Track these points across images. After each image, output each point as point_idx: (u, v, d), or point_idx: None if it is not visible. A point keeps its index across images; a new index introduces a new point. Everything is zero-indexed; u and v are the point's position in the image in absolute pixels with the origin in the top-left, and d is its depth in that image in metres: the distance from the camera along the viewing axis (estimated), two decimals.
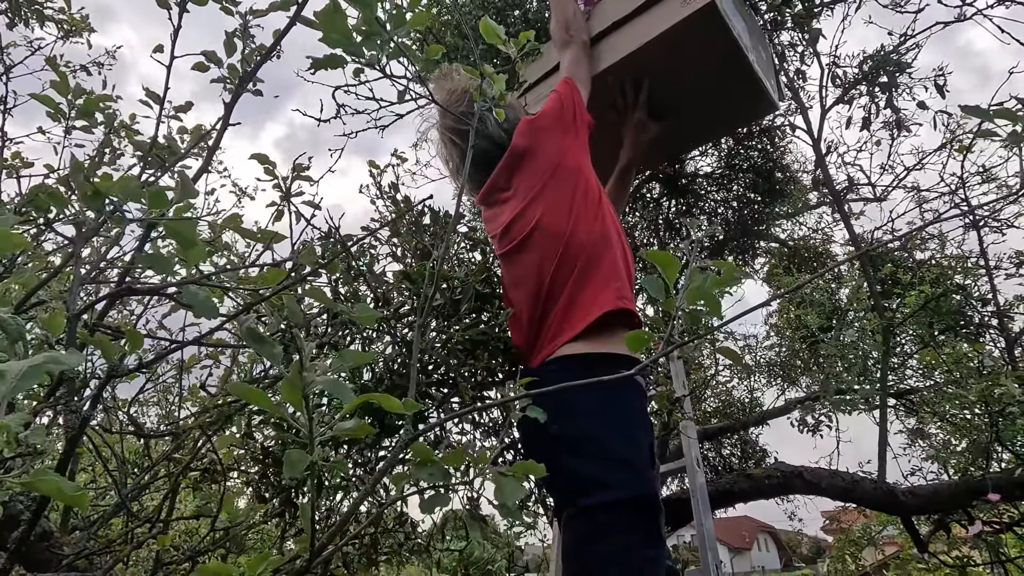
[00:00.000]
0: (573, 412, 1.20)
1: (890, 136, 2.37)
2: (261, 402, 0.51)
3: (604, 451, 1.17)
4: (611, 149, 1.89)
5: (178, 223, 0.57)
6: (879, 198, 3.37)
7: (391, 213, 1.66)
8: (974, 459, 1.88)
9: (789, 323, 4.29)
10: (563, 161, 1.39)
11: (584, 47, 1.70)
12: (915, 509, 2.02)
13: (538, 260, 1.33)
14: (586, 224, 1.34)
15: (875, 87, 2.21)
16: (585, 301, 1.26)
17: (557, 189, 1.37)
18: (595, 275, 1.28)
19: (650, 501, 1.13)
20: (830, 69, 2.26)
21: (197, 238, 0.59)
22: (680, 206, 3.19)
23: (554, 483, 1.25)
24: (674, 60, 1.72)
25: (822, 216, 4.33)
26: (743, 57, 1.67)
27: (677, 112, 1.86)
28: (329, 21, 0.67)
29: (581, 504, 1.14)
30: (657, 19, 1.67)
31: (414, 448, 0.70)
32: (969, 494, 1.88)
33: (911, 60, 2.19)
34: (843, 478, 2.05)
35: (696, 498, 1.56)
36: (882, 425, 2.17)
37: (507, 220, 1.40)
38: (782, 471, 2.07)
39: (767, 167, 2.89)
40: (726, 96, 1.83)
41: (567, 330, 1.27)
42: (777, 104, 1.82)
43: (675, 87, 1.81)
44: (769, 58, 1.96)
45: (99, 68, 2.64)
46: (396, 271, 1.32)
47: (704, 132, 2.07)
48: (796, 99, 2.30)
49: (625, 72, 1.78)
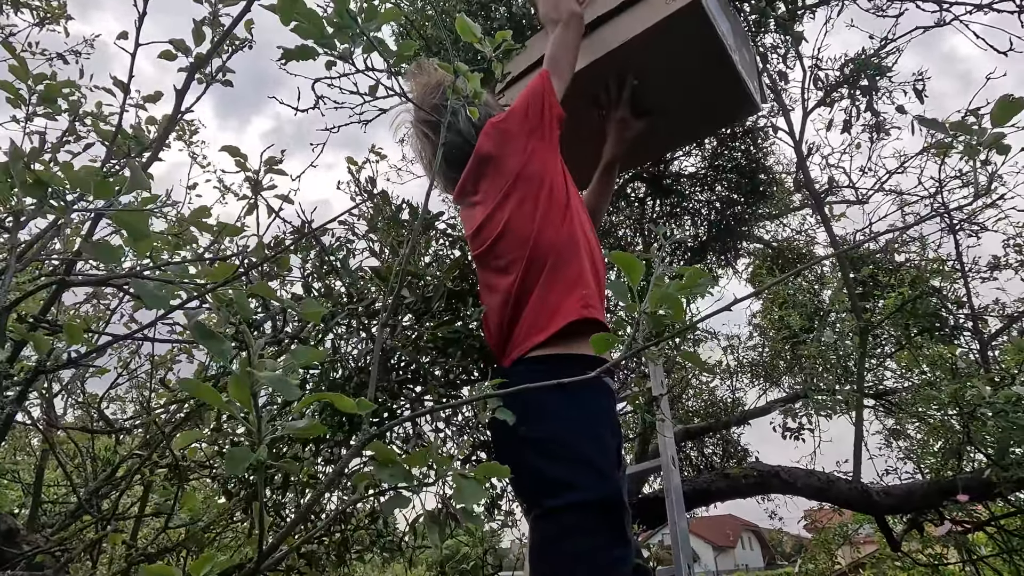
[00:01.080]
0: (540, 414, 1.19)
1: (870, 139, 2.39)
2: (211, 398, 0.50)
3: (570, 452, 1.17)
4: (595, 145, 1.88)
5: (128, 214, 0.56)
6: (860, 200, 3.41)
7: (369, 208, 1.64)
8: (947, 460, 1.90)
9: (772, 323, 4.33)
10: (528, 165, 1.38)
11: (574, 21, 1.59)
12: (889, 509, 2.04)
13: (506, 264, 1.32)
14: (552, 228, 1.33)
15: (856, 90, 2.23)
16: (551, 306, 1.26)
17: (522, 193, 1.35)
18: (562, 279, 1.28)
19: (615, 502, 1.12)
20: (812, 71, 2.27)
21: (148, 228, 0.57)
22: (664, 206, 3.20)
23: (521, 484, 1.25)
24: (658, 58, 1.71)
25: (805, 218, 4.37)
26: (727, 57, 1.67)
27: (660, 110, 1.85)
28: (287, 8, 0.65)
29: (547, 505, 1.14)
30: (641, 16, 1.66)
31: (376, 448, 0.69)
32: (941, 494, 1.91)
33: (891, 64, 2.20)
34: (819, 478, 2.07)
35: (671, 498, 1.56)
36: (858, 425, 2.19)
37: (477, 223, 1.39)
38: (759, 471, 2.08)
39: (750, 168, 2.90)
40: (709, 96, 1.83)
41: (535, 333, 1.26)
42: (759, 106, 1.82)
43: (658, 85, 1.80)
44: (752, 59, 1.96)
45: (76, 56, 2.58)
46: (369, 267, 1.30)
47: (687, 131, 2.07)
48: (778, 100, 2.31)
49: (608, 68, 1.77)
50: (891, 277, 3.30)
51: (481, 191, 1.42)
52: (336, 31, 0.74)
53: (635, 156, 2.18)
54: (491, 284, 1.36)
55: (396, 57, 0.78)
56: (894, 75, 2.26)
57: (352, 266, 1.50)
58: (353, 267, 1.49)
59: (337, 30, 0.73)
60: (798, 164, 2.44)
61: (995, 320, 2.38)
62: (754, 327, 4.64)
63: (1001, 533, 2.04)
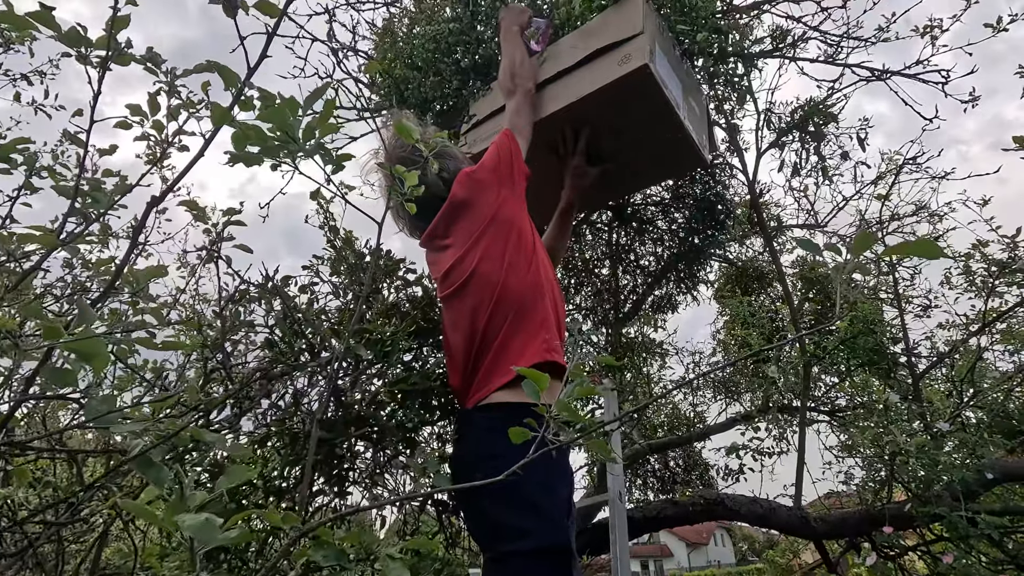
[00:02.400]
0: (496, 462, 1.27)
1: (815, 184, 2.53)
2: (152, 520, 0.56)
3: (523, 500, 1.24)
4: (553, 189, 1.97)
5: (79, 343, 0.62)
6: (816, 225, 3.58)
7: (332, 253, 1.70)
8: (875, 489, 2.04)
9: (735, 340, 4.48)
10: (498, 213, 1.46)
11: (527, 96, 1.75)
12: (824, 534, 2.18)
13: (473, 306, 1.39)
14: (519, 274, 1.41)
15: (806, 135, 2.35)
16: (514, 350, 1.34)
17: (492, 239, 1.43)
18: (526, 324, 1.36)
19: (565, 549, 1.21)
20: (765, 115, 2.39)
21: (102, 349, 0.63)
22: (629, 233, 3.30)
23: (477, 526, 1.33)
24: (610, 113, 1.81)
25: None
26: (675, 116, 1.77)
27: (613, 160, 1.95)
28: (240, 142, 0.71)
29: (500, 550, 1.22)
30: (596, 74, 1.75)
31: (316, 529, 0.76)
32: (870, 523, 2.04)
33: (837, 112, 2.33)
34: (761, 505, 2.19)
35: (615, 534, 1.65)
36: (800, 454, 2.32)
37: (446, 267, 1.46)
38: (705, 498, 2.19)
39: (709, 198, 3.02)
40: (659, 149, 1.93)
41: (496, 378, 1.34)
42: (707, 160, 1.93)
43: (611, 137, 1.90)
44: (703, 111, 2.06)
45: (41, 77, 2.57)
46: (326, 327, 1.36)
47: (639, 180, 2.17)
48: (732, 142, 2.43)
49: (565, 120, 1.86)
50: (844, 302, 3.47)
51: (452, 234, 1.50)
52: (279, 144, 0.80)
53: (591, 200, 2.28)
54: (457, 324, 1.43)
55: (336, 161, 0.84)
56: (843, 120, 2.39)
57: (315, 309, 1.56)
58: (317, 309, 1.55)
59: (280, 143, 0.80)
60: (751, 203, 2.56)
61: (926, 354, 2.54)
62: (717, 343, 4.81)
63: (931, 556, 2.19)
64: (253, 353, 1.45)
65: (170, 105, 1.13)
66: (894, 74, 1.91)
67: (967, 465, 1.74)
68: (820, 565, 3.87)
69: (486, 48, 2.35)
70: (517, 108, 1.71)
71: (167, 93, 1.13)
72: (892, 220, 3.29)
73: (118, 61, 1.02)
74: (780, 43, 2.33)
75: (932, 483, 1.85)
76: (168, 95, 1.12)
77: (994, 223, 2.67)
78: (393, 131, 1.61)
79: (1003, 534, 1.68)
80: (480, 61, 2.39)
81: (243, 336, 1.41)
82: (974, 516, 1.68)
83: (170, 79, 1.10)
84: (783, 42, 2.34)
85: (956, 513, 1.63)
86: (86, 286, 1.21)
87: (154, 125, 1.13)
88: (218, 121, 0.69)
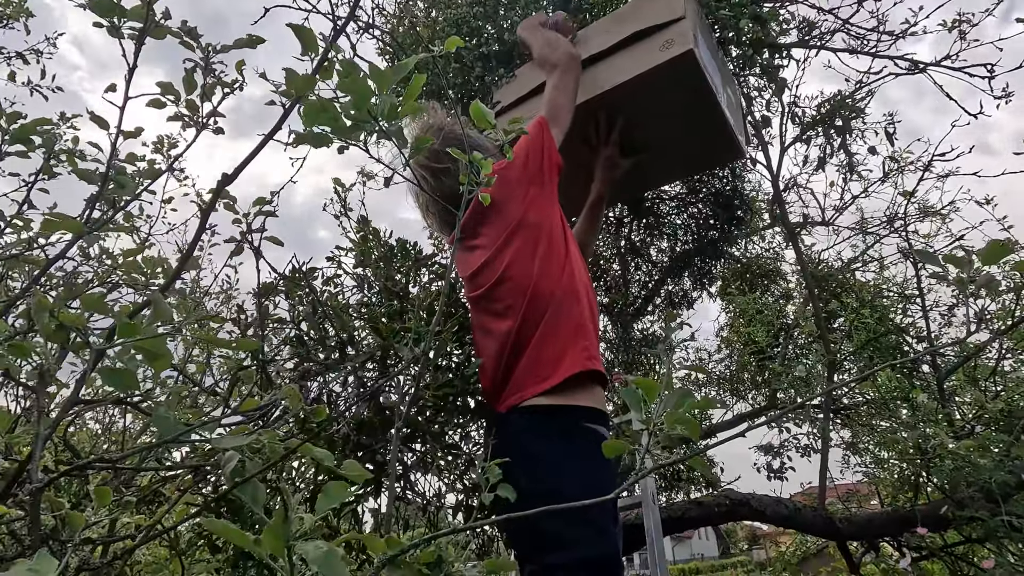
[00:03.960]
0: (540, 466, 1.21)
1: (843, 179, 2.49)
2: (242, 542, 0.49)
3: (569, 509, 1.18)
4: (583, 180, 1.90)
5: (148, 341, 0.54)
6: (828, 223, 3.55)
7: (357, 241, 1.62)
8: (903, 490, 2.01)
9: (740, 336, 4.46)
10: (528, 214, 1.39)
11: (572, 64, 1.61)
12: (850, 536, 2.15)
13: (504, 309, 1.33)
14: (551, 277, 1.34)
15: (831, 129, 2.30)
16: (551, 356, 1.27)
17: (523, 241, 1.36)
18: (561, 329, 1.30)
19: (612, 560, 1.15)
20: (790, 108, 2.34)
21: (164, 349, 0.56)
22: (642, 226, 3.25)
23: (519, 536, 1.26)
24: (648, 101, 1.74)
25: (773, 236, 4.50)
26: (716, 105, 1.71)
27: (647, 151, 1.88)
28: (313, 116, 0.64)
29: (545, 562, 1.16)
30: (635, 59, 1.68)
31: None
32: (899, 524, 2.01)
33: (864, 106, 2.29)
34: (786, 506, 2.15)
35: (651, 536, 1.60)
36: (823, 455, 2.29)
37: (475, 267, 1.39)
38: (731, 499, 2.15)
39: (727, 192, 2.98)
40: (696, 139, 1.87)
41: (533, 383, 1.27)
42: (744, 152, 1.87)
43: (646, 127, 1.83)
44: (738, 101, 2.01)
45: (38, 56, 2.45)
46: (362, 320, 1.28)
47: (673, 171, 2.11)
48: (758, 136, 2.37)
49: (598, 108, 1.79)
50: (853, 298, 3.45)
51: (481, 235, 1.43)
52: (353, 125, 0.72)
53: (622, 192, 2.21)
54: (487, 327, 1.37)
55: (412, 149, 0.77)
56: (867, 116, 2.35)
57: (341, 303, 1.48)
58: (342, 304, 1.47)
59: (354, 124, 0.72)
60: (774, 198, 2.51)
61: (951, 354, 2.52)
62: (722, 340, 4.78)
63: (950, 558, 2.17)
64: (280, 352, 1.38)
65: (205, 83, 1.05)
66: (933, 66, 1.86)
67: (1001, 466, 1.72)
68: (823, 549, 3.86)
69: (510, 34, 2.27)
70: (560, 82, 1.58)
71: (203, 71, 1.04)
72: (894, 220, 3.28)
73: (154, 34, 0.93)
74: (807, 35, 2.28)
75: (965, 484, 1.82)
76: (204, 73, 1.03)
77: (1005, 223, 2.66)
78: (423, 123, 1.53)
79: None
80: (503, 48, 2.31)
81: (271, 332, 1.33)
82: (1011, 519, 1.66)
83: (206, 55, 1.02)
84: (810, 34, 2.29)
85: (996, 518, 1.60)
86: (111, 280, 1.13)
87: (187, 104, 1.05)
88: (301, 88, 0.61)
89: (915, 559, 2.06)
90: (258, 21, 1.27)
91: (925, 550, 1.98)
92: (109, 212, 1.07)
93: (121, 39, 0.96)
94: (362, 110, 0.71)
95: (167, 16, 0.94)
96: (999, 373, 2.35)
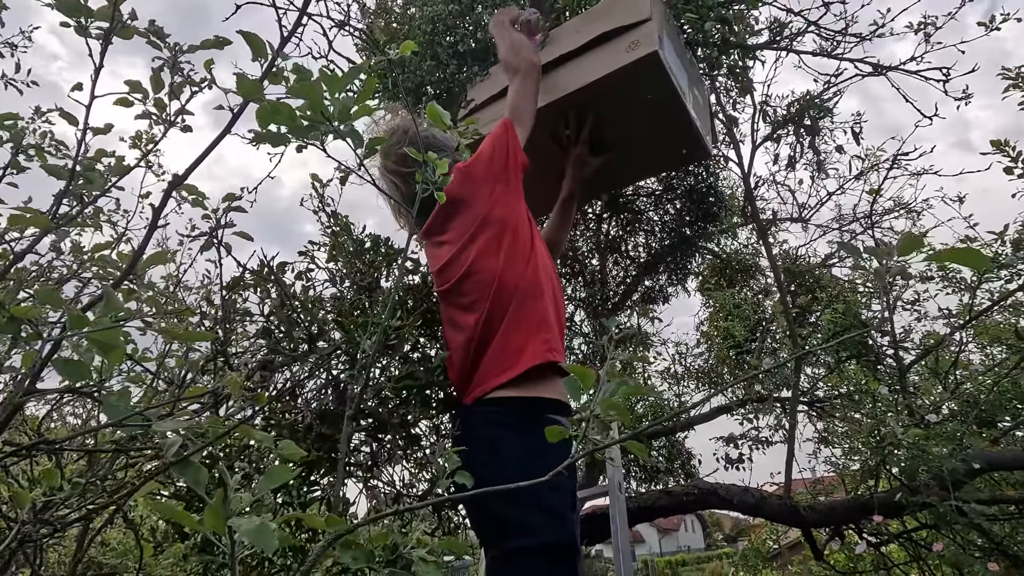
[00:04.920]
0: (500, 456, 1.25)
1: (811, 177, 2.55)
2: (186, 522, 0.53)
3: (527, 495, 1.23)
4: (554, 178, 1.94)
5: (100, 333, 0.57)
6: (802, 219, 3.62)
7: (329, 236, 1.64)
8: (864, 479, 2.08)
9: (719, 331, 4.53)
10: (492, 211, 1.42)
11: (531, 72, 1.65)
12: (814, 523, 2.22)
13: (470, 303, 1.37)
14: (516, 271, 1.38)
15: (801, 128, 2.36)
16: (514, 348, 1.31)
17: (488, 237, 1.40)
18: (525, 322, 1.33)
19: (570, 546, 1.20)
20: (761, 108, 2.39)
21: (118, 340, 0.59)
22: (621, 222, 3.30)
23: (481, 523, 1.31)
24: (615, 101, 1.78)
25: (752, 232, 4.58)
26: (681, 105, 1.75)
27: (615, 150, 1.92)
28: (266, 118, 0.67)
29: (505, 547, 1.20)
30: (602, 60, 1.72)
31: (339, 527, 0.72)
32: (859, 511, 2.08)
33: (833, 106, 2.35)
34: (753, 495, 2.22)
35: (615, 524, 1.65)
36: (790, 444, 2.35)
37: (443, 262, 1.43)
38: (699, 488, 2.21)
39: (701, 189, 3.03)
40: (662, 139, 1.91)
41: (497, 374, 1.31)
42: (711, 152, 1.92)
43: (615, 126, 1.87)
44: (706, 102, 2.05)
45: (12, 49, 2.43)
46: (328, 313, 1.31)
47: (640, 171, 2.15)
48: (729, 134, 2.43)
49: (567, 108, 1.82)
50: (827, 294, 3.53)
51: (449, 231, 1.46)
52: (309, 125, 0.76)
53: (592, 190, 2.25)
54: (455, 321, 1.41)
55: (368, 146, 0.80)
56: (836, 115, 2.41)
57: (312, 297, 1.51)
58: (312, 297, 1.50)
59: (310, 123, 0.75)
60: (746, 196, 2.57)
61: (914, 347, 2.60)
62: (701, 335, 4.86)
63: (910, 543, 2.25)
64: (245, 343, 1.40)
65: (172, 82, 1.07)
66: (893, 69, 1.92)
67: (954, 454, 1.79)
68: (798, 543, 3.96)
69: (484, 32, 2.29)
70: (521, 88, 1.62)
71: (170, 69, 1.06)
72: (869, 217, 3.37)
73: (121, 34, 0.95)
74: (778, 36, 2.33)
75: (919, 472, 1.89)
76: (172, 71, 1.05)
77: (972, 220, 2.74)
78: (390, 125, 1.56)
79: (990, 521, 1.73)
80: (478, 45, 2.34)
81: (238, 325, 1.35)
82: (961, 505, 1.73)
83: (174, 54, 1.04)
84: (781, 35, 2.34)
85: (946, 503, 1.67)
86: (78, 274, 1.15)
87: (156, 103, 1.07)
88: (247, 92, 0.64)
89: (875, 545, 2.13)
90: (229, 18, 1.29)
91: (885, 535, 2.05)
92: (77, 208, 1.09)
93: (88, 39, 0.98)
94: (316, 112, 0.74)
95: (133, 16, 0.96)
96: (960, 366, 2.44)
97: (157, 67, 1.07)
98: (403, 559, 0.75)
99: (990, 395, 2.19)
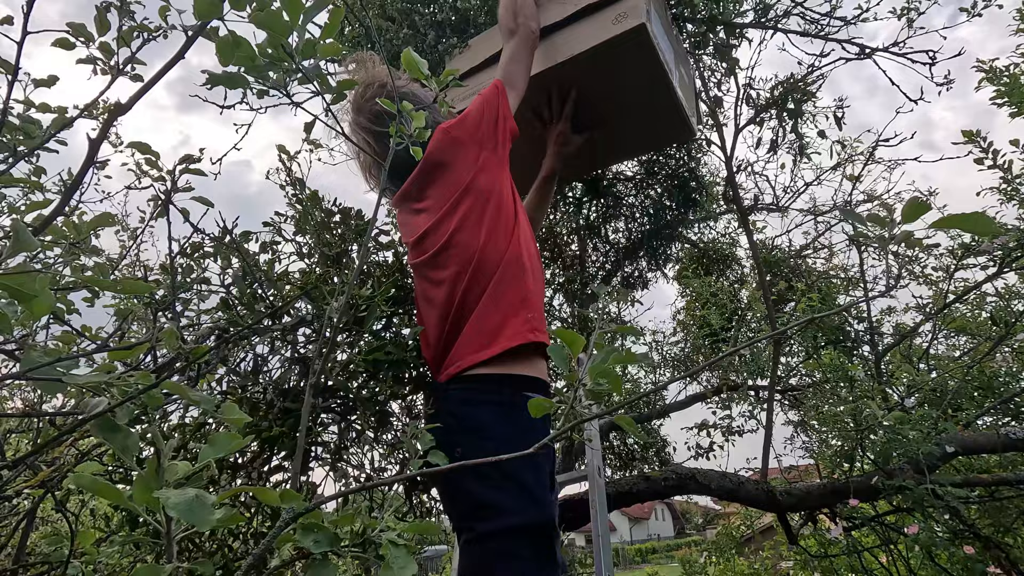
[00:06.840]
0: (475, 434, 1.19)
1: (793, 161, 2.54)
2: (113, 498, 0.45)
3: (504, 475, 1.17)
4: (534, 155, 1.87)
5: (13, 278, 0.49)
6: (780, 207, 3.63)
7: (297, 210, 1.55)
8: (840, 463, 2.09)
9: (695, 319, 4.55)
10: (477, 178, 1.34)
11: (530, 38, 1.58)
12: (790, 507, 2.22)
13: (449, 277, 1.29)
14: (498, 245, 1.31)
15: (784, 112, 2.33)
16: (492, 325, 1.25)
17: (470, 207, 1.32)
18: (505, 299, 1.27)
19: (547, 527, 1.14)
20: (744, 90, 2.36)
21: (42, 288, 0.51)
22: (601, 207, 3.25)
23: (454, 506, 1.24)
24: (600, 75, 1.72)
25: (730, 221, 4.60)
26: (668, 81, 1.70)
27: (600, 127, 1.86)
28: (227, 51, 0.58)
29: (479, 530, 1.14)
30: (587, 33, 1.65)
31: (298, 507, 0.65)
32: (834, 495, 2.09)
33: (816, 90, 2.33)
34: (731, 480, 2.21)
35: (595, 509, 1.61)
36: (767, 430, 2.35)
37: (420, 232, 1.35)
38: (677, 473, 2.19)
39: (682, 174, 3.00)
40: (647, 118, 1.86)
41: (474, 351, 1.25)
42: (695, 131, 1.87)
43: (599, 103, 1.81)
44: (691, 81, 2.01)
45: None
46: (295, 286, 1.23)
47: (624, 150, 2.10)
48: (713, 117, 2.39)
49: (550, 82, 1.76)
50: (803, 283, 3.56)
51: (427, 198, 1.37)
52: (269, 63, 0.67)
53: (574, 169, 2.19)
54: (429, 296, 1.33)
55: (336, 91, 0.72)
56: (819, 100, 2.39)
57: (278, 270, 1.42)
58: (279, 271, 1.41)
59: (271, 62, 0.67)
60: (728, 179, 2.54)
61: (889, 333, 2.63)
62: (677, 323, 4.87)
63: (881, 527, 2.27)
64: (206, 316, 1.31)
65: (121, 27, 0.97)
66: (879, 51, 1.90)
67: (929, 438, 1.79)
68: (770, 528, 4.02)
69: (464, 2, 2.20)
70: (514, 53, 1.53)
71: (118, 11, 0.96)
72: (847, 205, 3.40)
73: None
74: (763, 16, 2.30)
75: (894, 457, 1.90)
76: (120, 15, 0.95)
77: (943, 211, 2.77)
78: (364, 77, 1.46)
79: (963, 504, 1.74)
80: (457, 16, 2.25)
81: (195, 294, 1.26)
82: (935, 488, 1.73)
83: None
84: (766, 16, 2.31)
85: (922, 487, 1.67)
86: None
87: (101, 47, 0.96)
88: (204, 13, 0.55)
89: (847, 528, 2.14)
90: None
91: (858, 519, 2.06)
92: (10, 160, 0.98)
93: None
94: (277, 47, 0.66)
95: None
96: (933, 357, 2.46)
97: (102, 4, 0.97)
98: (371, 544, 0.69)
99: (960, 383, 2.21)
